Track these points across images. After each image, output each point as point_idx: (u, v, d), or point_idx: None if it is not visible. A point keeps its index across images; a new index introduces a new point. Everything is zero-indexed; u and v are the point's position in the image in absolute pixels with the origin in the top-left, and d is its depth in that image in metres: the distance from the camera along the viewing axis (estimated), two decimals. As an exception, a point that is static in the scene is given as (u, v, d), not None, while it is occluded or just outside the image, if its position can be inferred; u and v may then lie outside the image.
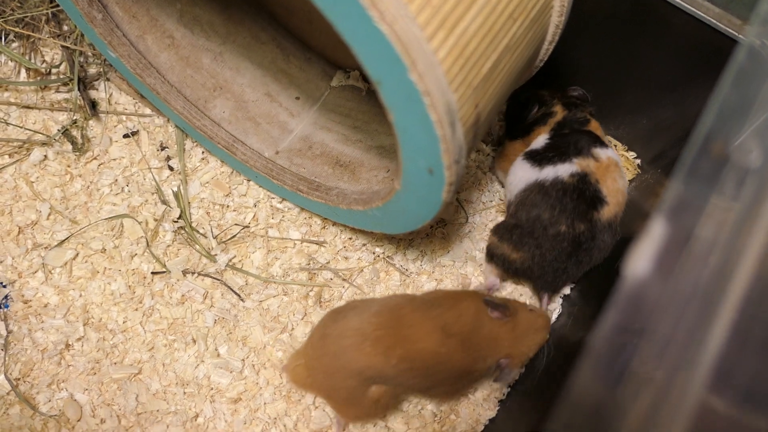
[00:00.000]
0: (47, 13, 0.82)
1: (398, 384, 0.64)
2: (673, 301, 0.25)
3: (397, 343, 0.61)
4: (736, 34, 0.63)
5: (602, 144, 0.72)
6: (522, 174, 0.73)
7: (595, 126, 0.76)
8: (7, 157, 0.80)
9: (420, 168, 0.52)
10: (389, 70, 0.43)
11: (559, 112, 0.77)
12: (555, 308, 0.78)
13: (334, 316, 0.66)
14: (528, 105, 0.81)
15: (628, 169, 0.85)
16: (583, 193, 0.68)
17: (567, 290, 0.78)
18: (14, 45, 0.83)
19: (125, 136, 0.83)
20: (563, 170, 0.70)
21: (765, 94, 0.29)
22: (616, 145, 0.87)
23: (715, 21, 0.66)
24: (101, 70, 0.85)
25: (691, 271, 0.26)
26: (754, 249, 0.25)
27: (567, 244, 0.68)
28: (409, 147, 0.50)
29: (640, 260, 0.26)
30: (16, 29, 0.81)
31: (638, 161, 0.85)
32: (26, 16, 0.82)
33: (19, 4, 0.82)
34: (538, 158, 0.73)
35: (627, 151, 0.86)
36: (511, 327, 0.67)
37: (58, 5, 0.80)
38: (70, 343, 0.72)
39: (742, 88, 0.29)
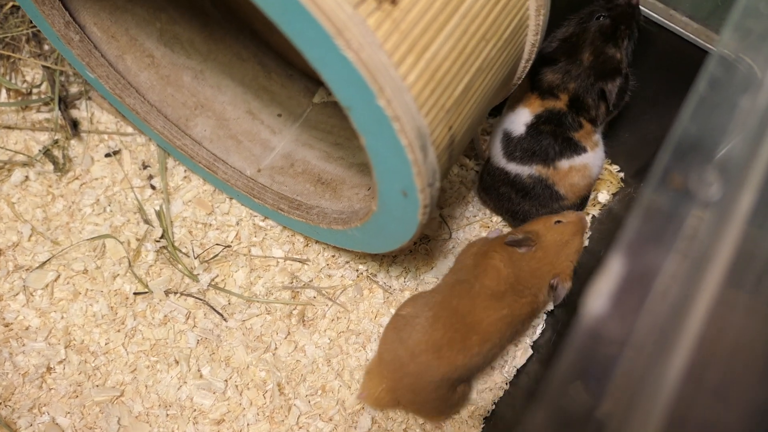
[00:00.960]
0: (27, 33, 0.82)
1: (483, 365, 0.68)
2: (631, 339, 0.25)
3: (469, 334, 0.64)
4: (715, 48, 0.63)
5: (573, 154, 0.72)
6: (495, 151, 0.77)
7: (586, 131, 0.74)
8: (-13, 178, 0.79)
9: (395, 190, 0.51)
10: (358, 96, 0.43)
11: (562, 102, 0.72)
12: (539, 324, 0.78)
13: (394, 335, 0.67)
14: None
15: (611, 182, 0.84)
16: (543, 189, 0.74)
17: (550, 306, 0.78)
18: (-6, 65, 0.83)
19: (107, 155, 0.83)
20: (523, 171, 0.75)
21: (725, 125, 0.29)
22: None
23: (694, 36, 0.66)
24: (82, 89, 0.84)
25: (649, 308, 0.25)
26: (711, 285, 0.25)
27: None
28: (382, 170, 0.50)
29: (598, 298, 0.26)
30: (-4, 50, 0.81)
31: (621, 175, 0.85)
32: (6, 37, 0.81)
33: (-2, 25, 0.81)
34: (508, 149, 0.75)
35: (610, 164, 0.86)
36: (544, 250, 0.68)
37: (38, 25, 0.80)
38: (52, 366, 0.71)
39: (701, 120, 0.29)
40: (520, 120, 0.73)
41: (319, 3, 0.39)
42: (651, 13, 0.68)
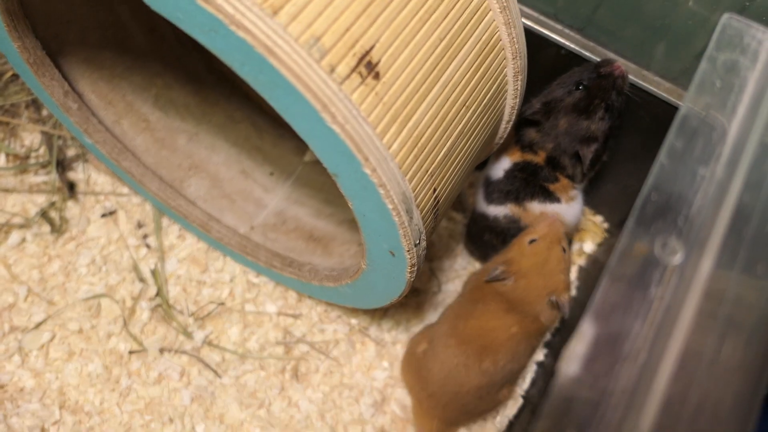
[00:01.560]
0: (27, 99, 0.85)
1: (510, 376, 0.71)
2: (602, 401, 0.26)
3: (483, 356, 0.67)
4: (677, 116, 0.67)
5: (545, 200, 0.75)
6: (478, 198, 0.81)
7: (563, 185, 0.76)
8: (-15, 240, 0.81)
9: (383, 250, 0.53)
10: (344, 164, 0.45)
11: (540, 158, 0.76)
12: (528, 374, 0.79)
13: (416, 374, 0.71)
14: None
15: (596, 232, 0.87)
16: (517, 231, 0.75)
17: (541, 356, 0.79)
18: (-6, 131, 0.85)
19: (103, 215, 0.85)
20: (500, 211, 0.77)
21: (685, 193, 0.31)
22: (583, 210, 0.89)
23: (666, 95, 0.69)
24: (80, 152, 0.87)
25: (620, 370, 0.27)
26: (676, 344, 0.27)
27: None
28: (369, 231, 0.52)
29: (572, 361, 0.27)
30: (-4, 117, 0.84)
31: (605, 225, 0.87)
32: (6, 104, 0.84)
33: (-1, 92, 0.84)
34: (488, 192, 0.78)
35: (594, 215, 0.88)
36: (526, 278, 0.68)
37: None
38: (46, 427, 0.72)
39: (664, 188, 0.31)
40: (500, 167, 0.76)
41: (305, 81, 0.41)
42: (595, 58, 0.71)
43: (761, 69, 0.36)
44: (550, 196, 0.75)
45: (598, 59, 0.71)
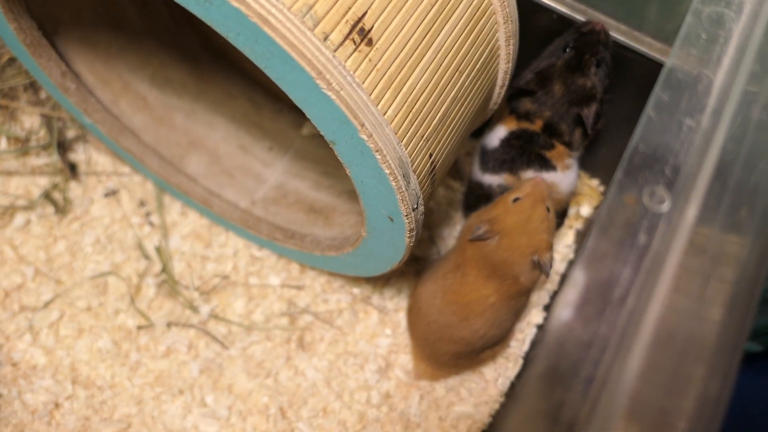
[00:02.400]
0: (25, 83, 0.85)
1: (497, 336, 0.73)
2: (593, 343, 0.28)
3: (467, 315, 0.70)
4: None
5: (541, 169, 0.75)
6: (474, 167, 0.81)
7: (558, 152, 0.77)
8: (-9, 223, 0.82)
9: (381, 216, 0.55)
10: (341, 131, 0.46)
11: (536, 126, 0.76)
12: (528, 336, 0.80)
13: (415, 317, 0.75)
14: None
15: (592, 196, 0.88)
16: None
17: (539, 319, 0.81)
18: (-6, 115, 0.86)
19: (105, 195, 0.86)
20: (494, 180, 0.77)
21: (672, 144, 0.32)
22: (579, 174, 0.90)
23: (658, 55, 0.70)
24: (80, 133, 0.88)
25: (609, 314, 0.28)
26: (663, 288, 0.28)
27: None
28: (368, 197, 0.53)
29: (564, 306, 0.29)
30: (-5, 100, 0.84)
31: (602, 188, 0.88)
32: (4, 88, 0.85)
33: (-4, 76, 0.85)
34: (483, 161, 0.78)
35: (590, 179, 0.89)
36: (509, 236, 0.68)
37: (34, 74, 0.84)
38: (60, 402, 0.74)
39: (651, 140, 0.32)
40: (496, 135, 0.77)
41: (300, 49, 0.42)
42: (617, 36, 0.71)
43: (745, 20, 0.37)
44: (546, 165, 0.76)
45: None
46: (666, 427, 0.25)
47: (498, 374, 0.79)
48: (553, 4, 0.73)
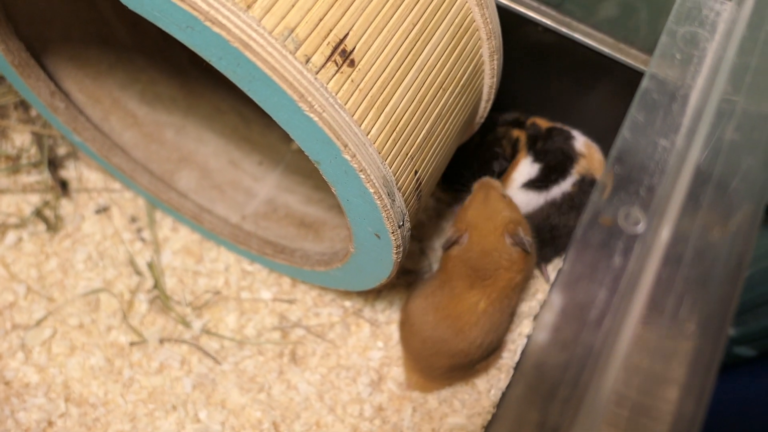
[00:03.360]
0: (15, 101, 0.86)
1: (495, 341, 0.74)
2: (569, 365, 0.28)
3: (459, 325, 0.70)
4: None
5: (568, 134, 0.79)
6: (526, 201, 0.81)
7: (542, 122, 0.82)
8: (-18, 242, 0.82)
9: (368, 233, 0.55)
10: (324, 152, 0.47)
11: (520, 135, 0.81)
12: (519, 347, 0.81)
13: (408, 331, 0.75)
14: (493, 161, 0.83)
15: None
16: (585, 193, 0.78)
17: (530, 330, 0.81)
18: (-16, 133, 0.87)
19: (97, 212, 0.86)
20: (567, 184, 0.79)
21: (647, 165, 0.33)
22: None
23: (644, 67, 0.70)
24: (70, 150, 0.88)
25: (585, 335, 0.29)
26: (637, 308, 0.28)
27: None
28: (354, 215, 0.53)
29: (541, 329, 0.29)
30: (-15, 119, 0.85)
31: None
32: (-6, 106, 0.85)
33: (-14, 95, 0.85)
34: (541, 185, 0.80)
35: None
36: (477, 233, 0.70)
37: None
38: (53, 420, 0.74)
39: (628, 159, 0.32)
40: None
41: (281, 72, 0.42)
42: (603, 48, 0.72)
43: (719, 40, 0.37)
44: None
45: (576, 35, 0.72)
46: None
47: (490, 385, 0.79)
48: (539, 17, 0.74)
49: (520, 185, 0.80)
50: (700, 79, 0.36)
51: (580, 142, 0.80)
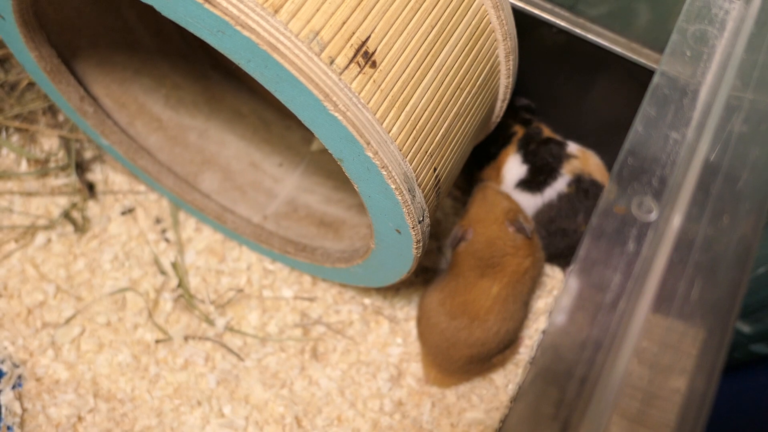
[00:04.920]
0: (43, 106, 0.89)
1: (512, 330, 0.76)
2: (585, 346, 0.30)
3: (474, 317, 0.73)
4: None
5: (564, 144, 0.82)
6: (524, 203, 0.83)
7: (547, 132, 0.85)
8: (13, 243, 0.85)
9: (389, 228, 0.57)
10: (348, 149, 0.49)
11: (518, 131, 0.84)
12: (536, 343, 0.82)
13: (425, 326, 0.77)
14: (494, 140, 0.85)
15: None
16: (586, 192, 0.79)
17: (545, 325, 0.82)
18: (14, 138, 0.89)
19: (122, 213, 0.89)
20: (560, 185, 0.81)
21: (659, 155, 0.34)
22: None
23: (652, 65, 0.72)
24: (97, 153, 0.91)
25: (600, 318, 0.30)
26: (650, 292, 0.30)
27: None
28: (375, 211, 0.55)
29: (559, 312, 0.31)
30: (15, 124, 0.87)
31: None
32: (24, 112, 0.88)
33: (16, 101, 0.88)
34: (532, 186, 0.82)
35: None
36: (481, 226, 0.74)
37: (52, 98, 0.87)
38: (82, 415, 0.76)
39: (641, 151, 0.34)
40: None
41: (307, 73, 0.44)
42: (615, 48, 0.74)
43: (728, 37, 0.39)
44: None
45: (590, 36, 0.74)
46: (654, 420, 0.27)
47: (508, 380, 0.81)
48: (553, 19, 0.76)
49: (513, 186, 0.82)
50: (709, 75, 0.37)
51: (573, 147, 0.82)
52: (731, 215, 0.32)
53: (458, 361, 0.75)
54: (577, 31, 0.75)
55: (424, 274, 0.86)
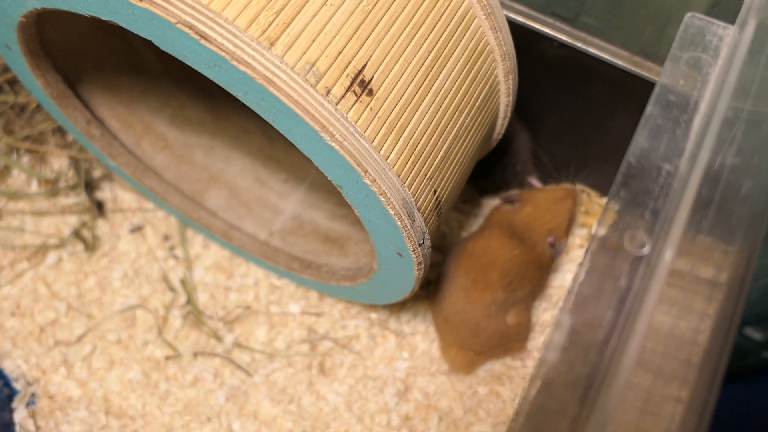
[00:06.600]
0: (52, 127, 0.90)
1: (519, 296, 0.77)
2: (577, 385, 0.30)
3: (488, 272, 0.75)
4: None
5: None
6: None
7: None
8: (26, 262, 0.86)
9: (390, 251, 0.57)
10: (346, 177, 0.49)
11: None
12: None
13: (441, 308, 0.79)
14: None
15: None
16: None
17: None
18: (25, 159, 0.91)
19: (131, 231, 0.90)
20: None
21: (651, 189, 0.34)
22: (590, 194, 0.91)
23: (654, 77, 0.71)
24: (105, 172, 0.92)
25: (592, 356, 0.30)
26: (641, 328, 0.30)
27: None
28: (376, 234, 0.56)
29: (551, 349, 0.31)
30: (26, 146, 0.89)
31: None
32: (33, 133, 0.89)
33: (26, 122, 0.89)
34: None
35: (600, 197, 0.91)
36: (534, 206, 0.78)
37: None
38: (94, 432, 0.77)
39: (633, 184, 0.34)
40: None
41: (303, 105, 0.45)
42: (618, 61, 0.73)
43: (722, 64, 0.39)
44: None
45: (591, 50, 0.74)
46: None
47: (515, 394, 0.81)
48: (554, 33, 0.76)
49: None
50: (703, 103, 0.37)
51: None
52: (723, 251, 0.32)
53: (474, 327, 0.76)
54: (579, 45, 0.75)
55: (429, 287, 0.86)
